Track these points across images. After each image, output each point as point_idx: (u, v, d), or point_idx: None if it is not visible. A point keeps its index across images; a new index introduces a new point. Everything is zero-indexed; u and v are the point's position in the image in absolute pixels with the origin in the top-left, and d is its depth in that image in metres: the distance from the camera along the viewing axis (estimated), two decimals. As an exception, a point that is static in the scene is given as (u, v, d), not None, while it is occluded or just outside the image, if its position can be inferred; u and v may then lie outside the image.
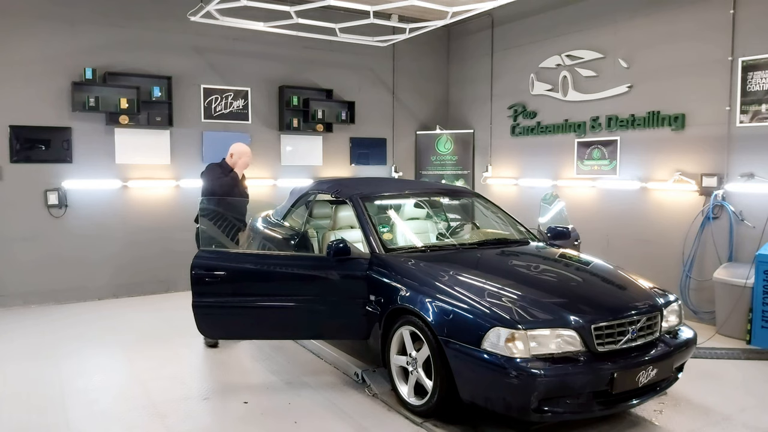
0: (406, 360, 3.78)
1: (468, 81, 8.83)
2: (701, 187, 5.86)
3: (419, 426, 3.62)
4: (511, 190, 8.16)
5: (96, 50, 6.67)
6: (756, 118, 5.44)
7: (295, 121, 7.82)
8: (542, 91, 7.57)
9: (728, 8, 5.60)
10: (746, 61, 5.47)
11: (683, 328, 3.81)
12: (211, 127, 7.38)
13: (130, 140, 6.89)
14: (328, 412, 3.83)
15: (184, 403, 3.97)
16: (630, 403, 3.44)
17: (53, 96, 6.50)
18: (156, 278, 7.10)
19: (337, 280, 4.14)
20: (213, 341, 5.13)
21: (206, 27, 6.96)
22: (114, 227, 6.87)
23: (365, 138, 8.53)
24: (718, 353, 4.93)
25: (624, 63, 6.52)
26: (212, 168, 5.45)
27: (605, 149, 6.81)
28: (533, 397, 3.12)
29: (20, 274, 6.44)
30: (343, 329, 4.25)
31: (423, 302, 3.61)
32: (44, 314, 6.18)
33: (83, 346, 5.15)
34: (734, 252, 5.64)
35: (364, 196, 4.64)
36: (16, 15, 6.29)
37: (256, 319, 4.23)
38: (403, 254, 4.21)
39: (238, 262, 4.27)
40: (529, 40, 7.76)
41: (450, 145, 8.71)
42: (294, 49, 7.82)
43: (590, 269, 4.17)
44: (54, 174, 6.55)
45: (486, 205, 5.27)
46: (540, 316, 3.33)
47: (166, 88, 6.99)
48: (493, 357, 3.19)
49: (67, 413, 3.80)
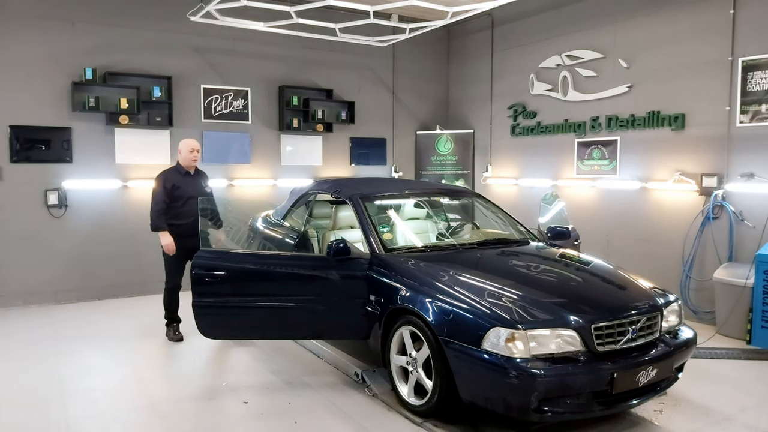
0: (406, 360, 3.77)
1: (468, 81, 8.83)
2: (701, 187, 5.86)
3: (419, 426, 3.62)
4: (511, 190, 8.16)
5: (96, 50, 6.67)
6: (756, 118, 5.44)
7: (295, 121, 7.82)
8: (542, 91, 7.57)
9: (728, 8, 5.60)
10: (746, 61, 5.47)
11: (683, 328, 3.80)
12: (211, 127, 7.38)
13: (130, 140, 6.89)
14: (328, 412, 3.83)
15: (184, 403, 3.97)
16: (630, 403, 3.44)
17: (53, 96, 6.49)
18: (156, 278, 7.05)
19: (337, 280, 4.14)
20: (177, 337, 5.27)
21: (206, 27, 6.96)
22: (114, 227, 6.87)
23: (365, 138, 8.53)
24: (718, 353, 4.93)
25: (624, 63, 6.52)
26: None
27: (605, 149, 6.81)
28: (533, 397, 3.12)
29: (20, 274, 6.44)
30: (343, 329, 4.26)
31: (423, 302, 3.61)
32: (44, 314, 6.18)
33: (83, 346, 5.15)
34: (734, 252, 5.64)
35: (364, 196, 4.63)
36: (16, 15, 6.29)
37: (256, 319, 4.23)
38: (403, 254, 4.20)
39: (238, 262, 4.27)
40: (529, 40, 7.76)
41: (450, 145, 8.71)
42: (294, 49, 7.82)
43: (590, 269, 4.17)
44: (54, 174, 6.56)
45: (486, 205, 5.27)
46: (540, 316, 3.33)
47: (166, 88, 6.99)
48: (493, 357, 3.19)
49: (67, 413, 3.80)
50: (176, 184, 5.16)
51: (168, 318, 5.36)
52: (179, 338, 5.27)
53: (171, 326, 5.35)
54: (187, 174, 5.29)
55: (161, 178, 5.17)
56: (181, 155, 5.28)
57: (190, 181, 5.27)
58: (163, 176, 5.20)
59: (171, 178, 5.18)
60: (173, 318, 5.36)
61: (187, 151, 5.26)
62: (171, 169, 5.33)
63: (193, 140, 5.42)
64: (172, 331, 5.33)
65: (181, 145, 5.31)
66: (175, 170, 5.28)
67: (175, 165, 5.35)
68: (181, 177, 5.23)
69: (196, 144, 5.37)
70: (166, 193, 5.09)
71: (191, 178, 5.31)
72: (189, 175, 5.30)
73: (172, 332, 5.32)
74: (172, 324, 5.36)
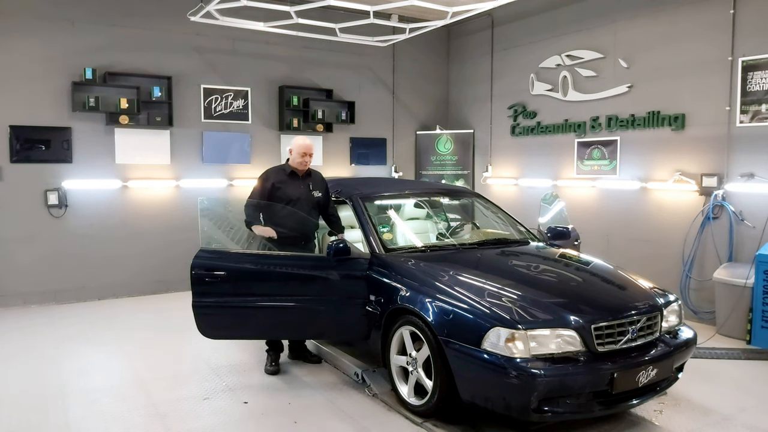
0: (406, 360, 3.77)
1: (468, 81, 8.83)
2: (701, 187, 5.86)
3: (419, 426, 3.62)
4: (511, 190, 8.16)
5: (96, 50, 6.67)
6: (756, 118, 5.44)
7: (295, 121, 7.82)
8: (542, 91, 7.57)
9: (728, 8, 5.60)
10: (746, 61, 5.47)
11: (683, 328, 3.80)
12: (211, 127, 7.38)
13: (130, 140, 6.89)
14: (328, 412, 3.83)
15: (184, 403, 3.97)
16: (630, 403, 3.44)
17: (53, 96, 6.49)
18: (156, 278, 7.10)
19: (337, 280, 4.14)
20: (273, 369, 4.57)
21: (206, 27, 6.96)
22: (114, 227, 6.87)
23: (365, 138, 8.53)
24: (718, 353, 4.93)
25: (624, 63, 6.52)
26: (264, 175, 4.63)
27: (605, 149, 6.81)
28: (533, 397, 3.12)
29: (20, 274, 6.44)
30: (343, 329, 4.26)
31: (423, 302, 3.61)
32: (44, 314, 6.18)
33: (83, 346, 5.15)
34: (734, 252, 5.64)
35: (364, 196, 4.64)
36: (16, 15, 6.29)
37: (256, 320, 4.23)
38: (403, 254, 4.21)
39: (238, 262, 4.27)
40: (529, 40, 7.76)
41: (450, 145, 8.71)
42: (294, 49, 7.82)
43: (590, 269, 4.17)
44: (54, 174, 6.56)
45: (486, 205, 5.27)
46: (540, 316, 3.33)
47: (166, 88, 6.99)
48: (493, 357, 3.19)
49: (67, 413, 3.80)
50: (277, 183, 4.47)
51: (269, 345, 4.64)
52: (274, 371, 4.52)
53: (270, 354, 4.62)
54: (293, 174, 4.55)
55: (263, 176, 4.57)
56: (291, 155, 4.57)
57: (295, 182, 4.53)
58: (266, 174, 4.57)
59: (273, 177, 4.51)
60: (275, 345, 4.63)
61: (298, 155, 4.50)
62: (278, 166, 4.68)
63: (309, 142, 4.55)
64: (269, 360, 4.58)
65: (293, 143, 4.55)
66: (281, 168, 4.60)
67: (284, 163, 4.67)
68: (285, 176, 4.52)
69: (310, 147, 4.54)
70: (265, 193, 4.46)
71: (299, 180, 4.56)
72: (296, 176, 4.56)
73: (269, 362, 4.58)
74: (271, 352, 4.62)
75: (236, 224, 4.76)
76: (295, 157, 4.53)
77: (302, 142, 4.52)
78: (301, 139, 4.56)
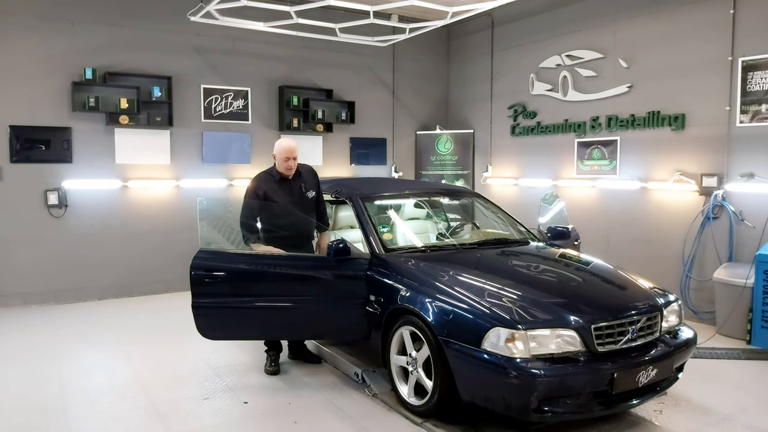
0: (406, 360, 3.77)
1: (468, 81, 8.83)
2: (701, 187, 5.86)
3: (419, 426, 3.62)
4: (511, 190, 8.16)
5: (96, 50, 6.67)
6: (756, 118, 5.44)
7: (295, 121, 7.82)
8: (542, 91, 7.57)
9: (728, 8, 5.60)
10: (746, 61, 5.47)
11: (683, 328, 3.80)
12: (211, 127, 7.38)
13: (130, 140, 6.89)
14: (328, 412, 3.83)
15: (184, 403, 3.97)
16: (630, 403, 3.44)
17: (53, 96, 6.49)
18: (156, 278, 7.10)
19: (337, 280, 4.14)
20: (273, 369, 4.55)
21: (206, 27, 6.96)
22: (114, 227, 6.87)
23: (365, 138, 8.53)
24: (718, 353, 4.93)
25: (624, 63, 6.52)
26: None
27: (605, 149, 6.81)
28: (533, 397, 3.12)
29: (20, 274, 6.44)
30: (343, 329, 4.26)
31: (423, 302, 3.61)
32: (44, 314, 6.18)
33: (83, 346, 5.15)
34: (734, 252, 5.64)
35: (364, 196, 4.63)
36: (16, 15, 6.29)
37: (256, 320, 4.23)
38: (403, 254, 4.20)
39: (238, 263, 4.26)
40: (529, 40, 7.76)
41: (450, 145, 8.71)
42: (294, 49, 7.82)
43: (590, 269, 4.17)
44: (54, 174, 6.55)
45: (486, 205, 5.27)
46: (540, 316, 3.33)
47: (166, 88, 6.99)
48: (493, 357, 3.19)
49: (67, 413, 3.80)
50: (269, 193, 4.38)
51: (268, 345, 4.64)
52: (274, 371, 4.51)
53: (269, 354, 4.60)
54: (283, 180, 4.45)
55: (253, 187, 4.42)
56: (276, 160, 4.44)
57: (287, 188, 4.45)
58: (255, 184, 4.43)
59: (263, 186, 4.40)
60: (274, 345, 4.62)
61: (281, 160, 4.39)
62: (265, 173, 4.51)
63: (291, 144, 4.41)
64: (269, 361, 4.57)
65: (275, 148, 4.44)
66: (269, 175, 4.47)
67: (271, 168, 4.52)
68: (274, 184, 4.43)
69: (293, 150, 4.39)
70: (258, 206, 4.39)
71: (288, 183, 4.46)
72: (285, 180, 4.45)
73: (269, 362, 4.57)
74: (270, 352, 4.60)
75: (236, 225, 4.76)
76: (280, 163, 4.42)
77: (284, 146, 4.40)
78: (284, 143, 4.43)
